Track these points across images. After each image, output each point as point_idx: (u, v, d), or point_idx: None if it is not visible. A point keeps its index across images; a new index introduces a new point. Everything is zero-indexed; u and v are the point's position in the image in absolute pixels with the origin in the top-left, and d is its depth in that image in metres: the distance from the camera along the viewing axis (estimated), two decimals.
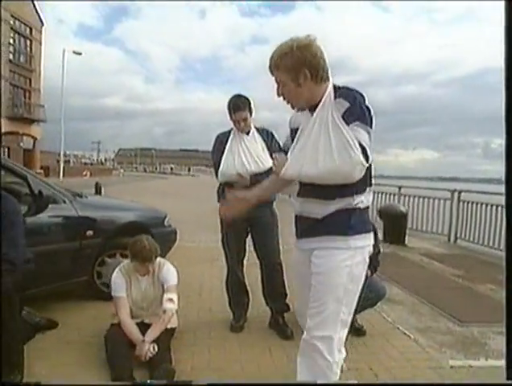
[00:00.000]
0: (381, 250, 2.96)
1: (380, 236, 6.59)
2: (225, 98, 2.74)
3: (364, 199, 1.62)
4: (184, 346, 2.49)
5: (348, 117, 1.48)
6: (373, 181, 1.65)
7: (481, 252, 6.26)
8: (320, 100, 1.56)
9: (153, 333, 2.26)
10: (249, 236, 2.82)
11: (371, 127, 1.51)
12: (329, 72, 1.58)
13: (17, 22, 27.66)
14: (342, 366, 1.70)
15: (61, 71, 26.63)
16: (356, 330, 2.78)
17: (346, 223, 1.59)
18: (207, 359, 2.36)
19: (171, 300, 2.37)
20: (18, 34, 28.28)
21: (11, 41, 27.52)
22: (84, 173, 31.70)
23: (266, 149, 2.69)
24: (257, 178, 2.46)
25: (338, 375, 1.61)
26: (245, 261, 2.89)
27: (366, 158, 1.45)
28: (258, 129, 2.72)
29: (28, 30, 29.13)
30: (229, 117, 2.68)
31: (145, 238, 2.40)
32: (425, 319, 3.18)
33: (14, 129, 27.55)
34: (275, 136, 2.74)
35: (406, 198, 8.09)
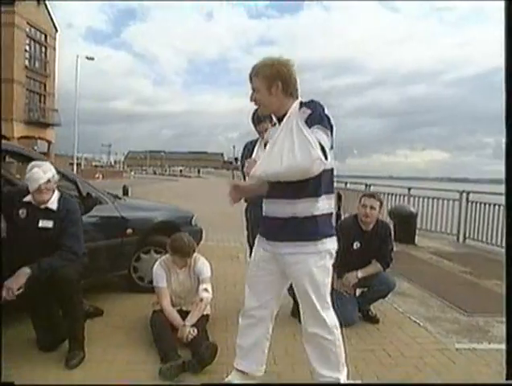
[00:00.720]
0: (394, 248, 3.24)
1: None
2: (233, 100, 3.09)
3: (327, 204, 1.84)
4: (218, 331, 2.79)
5: (311, 122, 1.70)
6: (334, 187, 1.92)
7: (489, 251, 6.49)
8: (287, 112, 1.81)
9: (192, 318, 2.57)
10: None
11: (331, 132, 1.73)
12: (298, 92, 1.85)
13: (32, 29, 28.37)
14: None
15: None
16: (370, 319, 3.08)
17: (314, 229, 1.81)
18: None
19: (206, 290, 2.68)
20: (34, 41, 28.99)
21: (27, 48, 28.23)
22: (97, 175, 32.27)
23: None
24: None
25: (342, 344, 1.94)
26: None
27: (325, 155, 1.64)
28: None
29: (43, 36, 29.85)
30: (253, 128, 3.00)
31: (184, 235, 2.72)
32: (434, 310, 3.46)
33: (30, 134, 28.26)
34: None
35: (416, 199, 8.31)
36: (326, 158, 1.65)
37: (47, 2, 29.60)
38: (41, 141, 30.41)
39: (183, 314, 2.66)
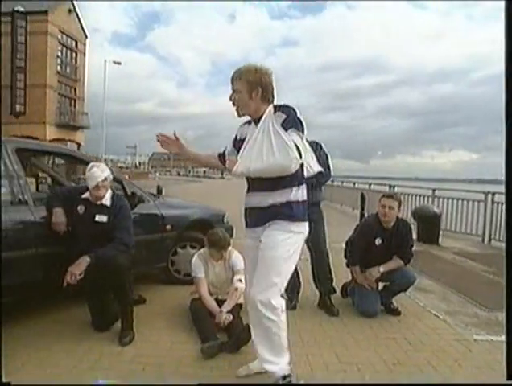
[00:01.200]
0: (414, 244, 3.42)
1: (414, 235, 6.96)
2: None
3: (300, 193, 2.05)
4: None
5: (286, 125, 1.94)
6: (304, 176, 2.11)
7: None
8: (263, 115, 2.01)
9: (228, 305, 2.84)
10: None
11: (303, 133, 1.97)
12: (274, 97, 2.06)
13: (64, 36, 29.58)
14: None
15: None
16: (392, 311, 3.27)
17: (288, 212, 2.01)
18: None
19: (240, 280, 2.94)
20: (65, 47, 30.20)
21: (59, 54, 29.45)
22: (125, 176, 33.22)
23: (314, 158, 3.22)
24: (307, 181, 3.02)
25: (285, 330, 2.05)
26: None
27: (300, 155, 1.91)
28: (309, 142, 3.26)
29: (74, 43, 31.05)
30: None
31: (220, 230, 3.00)
32: (454, 305, 3.61)
33: (61, 136, 29.44)
34: (323, 147, 3.28)
35: (441, 200, 8.33)
36: (301, 157, 1.92)
37: (77, 10, 30.80)
38: (71, 144, 31.59)
39: (219, 303, 2.94)
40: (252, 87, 2.01)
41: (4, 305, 2.34)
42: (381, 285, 3.40)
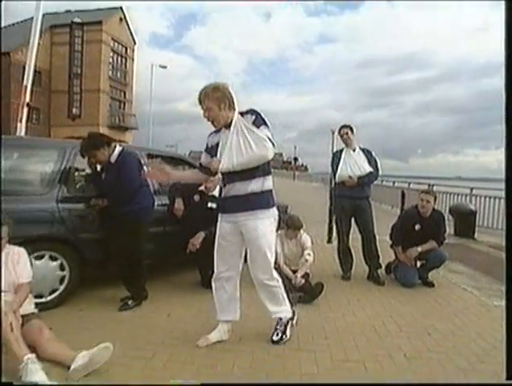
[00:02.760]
0: (446, 230, 4.22)
1: (451, 231, 7.61)
2: (292, 99, 4.18)
3: (270, 183, 2.48)
4: None
5: (258, 123, 2.35)
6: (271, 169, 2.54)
7: None
8: (232, 121, 2.39)
9: (301, 272, 3.77)
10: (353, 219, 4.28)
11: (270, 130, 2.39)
12: (236, 104, 2.43)
13: (115, 43, 31.79)
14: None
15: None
16: (427, 283, 4.10)
17: (265, 200, 2.45)
18: (332, 293, 3.79)
19: (309, 254, 3.88)
20: (117, 53, 32.44)
21: (110, 60, 31.67)
22: None
23: (366, 162, 4.12)
24: (360, 179, 3.94)
25: (282, 286, 2.67)
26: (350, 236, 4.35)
27: (273, 145, 2.34)
28: (362, 149, 4.16)
29: (124, 49, 33.24)
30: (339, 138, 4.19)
31: (296, 215, 3.95)
32: (481, 283, 4.36)
33: (112, 137, 31.61)
34: (373, 154, 4.16)
35: (478, 198, 8.77)
36: (274, 147, 2.36)
37: (127, 19, 32.90)
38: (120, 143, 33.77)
39: (292, 272, 3.89)
40: (220, 101, 2.38)
41: (147, 266, 3.41)
42: (418, 264, 4.23)
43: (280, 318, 2.65)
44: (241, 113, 2.43)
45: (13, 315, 2.32)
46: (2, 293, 2.35)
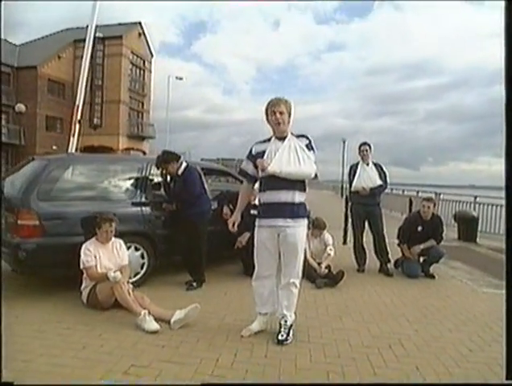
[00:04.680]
0: (444, 231, 5.07)
1: (455, 235, 8.41)
2: (301, 107, 4.92)
3: (305, 197, 2.78)
4: None
5: (310, 148, 2.74)
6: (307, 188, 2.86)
7: None
8: (286, 136, 2.74)
9: (325, 263, 4.64)
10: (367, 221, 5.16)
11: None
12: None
13: (134, 56, 33.20)
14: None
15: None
16: (429, 275, 4.95)
17: (302, 211, 2.75)
18: (350, 281, 4.61)
19: (331, 249, 4.76)
20: (135, 66, 33.83)
21: (129, 72, 33.06)
22: None
23: (377, 175, 5.01)
24: (372, 190, 4.85)
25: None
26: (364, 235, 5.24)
27: (316, 168, 2.74)
28: (375, 164, 5.06)
29: (142, 62, 34.66)
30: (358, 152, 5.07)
31: (321, 218, 4.85)
32: (475, 276, 5.17)
33: (130, 146, 32.89)
34: (384, 168, 5.05)
35: (481, 206, 9.47)
36: (316, 169, 2.76)
37: (146, 33, 34.32)
38: (137, 152, 35.06)
39: (317, 264, 4.78)
40: (290, 113, 2.74)
41: (207, 259, 4.31)
42: (421, 259, 5.09)
43: (286, 321, 2.88)
44: (298, 135, 2.80)
45: (126, 285, 3.28)
46: (116, 272, 3.30)
